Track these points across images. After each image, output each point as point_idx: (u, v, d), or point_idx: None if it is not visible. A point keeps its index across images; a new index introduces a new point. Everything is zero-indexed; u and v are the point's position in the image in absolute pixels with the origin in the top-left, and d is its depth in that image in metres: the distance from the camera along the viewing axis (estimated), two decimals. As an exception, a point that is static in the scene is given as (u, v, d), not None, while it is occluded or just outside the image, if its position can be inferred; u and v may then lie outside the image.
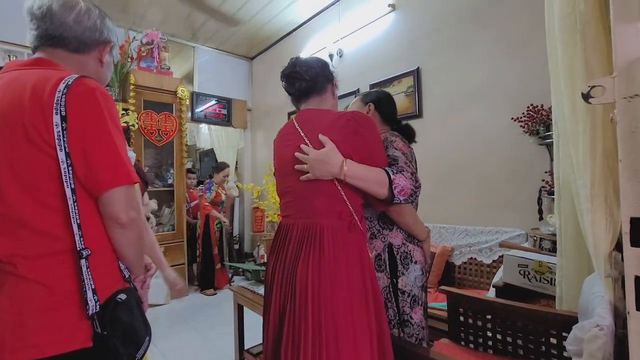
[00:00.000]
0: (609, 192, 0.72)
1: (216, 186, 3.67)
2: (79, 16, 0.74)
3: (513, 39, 2.11)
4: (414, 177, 0.94)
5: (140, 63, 3.33)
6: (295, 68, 1.03)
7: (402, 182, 0.92)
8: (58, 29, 0.72)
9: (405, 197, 0.93)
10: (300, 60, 1.05)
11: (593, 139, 0.74)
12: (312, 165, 0.91)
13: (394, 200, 0.93)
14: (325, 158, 0.90)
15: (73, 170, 0.63)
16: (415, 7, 2.69)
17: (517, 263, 1.42)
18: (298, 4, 3.43)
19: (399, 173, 0.93)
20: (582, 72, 0.77)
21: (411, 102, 2.67)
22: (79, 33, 0.74)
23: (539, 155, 1.97)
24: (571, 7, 0.80)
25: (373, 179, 0.91)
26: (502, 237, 2.07)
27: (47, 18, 0.71)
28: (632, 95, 0.38)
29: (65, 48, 0.74)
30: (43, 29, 0.72)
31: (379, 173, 0.92)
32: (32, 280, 0.61)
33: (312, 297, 0.87)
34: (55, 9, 0.72)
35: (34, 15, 0.72)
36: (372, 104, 1.26)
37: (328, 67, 1.09)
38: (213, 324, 2.73)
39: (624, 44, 0.40)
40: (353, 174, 0.90)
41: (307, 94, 1.05)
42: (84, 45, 0.76)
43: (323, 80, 1.05)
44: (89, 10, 0.76)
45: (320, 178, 0.92)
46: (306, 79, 1.02)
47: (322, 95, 1.05)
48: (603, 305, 0.70)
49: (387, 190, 0.91)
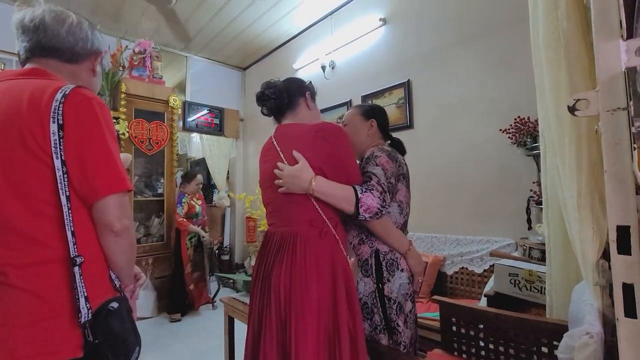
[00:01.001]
0: (595, 202, 0.74)
1: (188, 197, 3.37)
2: (71, 28, 0.76)
3: (499, 53, 2.19)
4: (382, 196, 1.00)
5: (132, 72, 3.32)
6: (263, 90, 1.12)
7: (369, 201, 0.98)
8: (51, 40, 0.74)
9: (371, 214, 0.99)
10: (269, 82, 1.15)
11: (579, 150, 0.77)
12: (286, 181, 0.99)
13: (359, 217, 0.99)
14: (297, 174, 0.98)
15: (68, 178, 0.64)
16: (406, 22, 2.77)
17: (508, 272, 1.43)
18: (291, 16, 3.49)
19: (368, 191, 0.99)
20: (567, 86, 0.80)
21: (402, 114, 2.72)
22: (72, 44, 0.76)
23: (527, 166, 2.02)
24: (554, 25, 0.84)
25: (341, 196, 0.98)
26: (493, 247, 2.10)
27: (40, 30, 0.73)
28: (614, 108, 0.40)
29: (58, 59, 0.76)
30: (36, 40, 0.73)
31: (347, 191, 0.99)
32: (22, 289, 0.60)
33: (285, 300, 0.93)
34: (48, 21, 0.73)
35: (26, 27, 0.73)
36: (375, 120, 1.28)
37: (296, 83, 1.16)
38: (203, 337, 2.67)
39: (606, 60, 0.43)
40: (321, 191, 0.97)
41: (279, 111, 1.14)
42: (77, 56, 0.78)
43: (291, 96, 1.12)
44: (80, 23, 0.78)
45: (294, 192, 0.99)
46: (272, 98, 1.11)
47: (295, 109, 1.13)
48: (592, 313, 0.71)
49: (353, 207, 0.98)
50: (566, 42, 0.80)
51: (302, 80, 1.18)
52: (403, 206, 1.18)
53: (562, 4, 0.80)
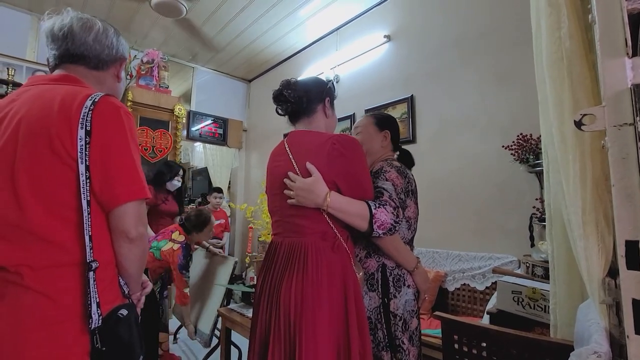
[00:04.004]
0: (599, 218, 0.74)
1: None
2: (97, 36, 0.78)
3: (502, 70, 2.22)
4: (395, 211, 0.96)
5: (139, 81, 3.38)
6: (281, 91, 1.06)
7: (383, 216, 0.94)
8: (79, 48, 0.76)
9: (384, 231, 0.95)
10: (289, 82, 1.08)
11: (583, 167, 0.77)
12: (297, 194, 0.94)
13: (373, 234, 0.95)
14: (310, 188, 0.93)
15: (90, 183, 0.65)
16: (410, 39, 2.83)
17: (511, 289, 1.41)
18: (297, 32, 3.57)
19: (381, 207, 0.95)
20: (570, 104, 0.81)
21: (405, 128, 2.74)
22: (98, 52, 0.79)
23: (529, 183, 2.02)
24: (557, 44, 0.86)
25: (355, 213, 0.94)
26: (495, 263, 2.08)
27: (69, 38, 0.76)
28: (621, 123, 0.41)
29: (86, 65, 0.78)
30: (65, 48, 0.76)
31: (361, 207, 0.94)
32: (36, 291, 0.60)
33: (294, 318, 0.88)
34: (76, 29, 0.76)
35: (55, 36, 0.76)
36: (389, 131, 1.26)
37: (317, 87, 1.09)
38: (199, 349, 2.61)
39: (612, 76, 0.44)
40: (335, 207, 0.93)
41: (295, 115, 1.09)
42: (103, 63, 0.80)
43: (309, 102, 1.06)
44: (107, 30, 0.81)
45: (305, 205, 0.94)
46: (290, 101, 1.05)
47: (311, 116, 1.08)
48: (599, 332, 0.70)
49: (367, 224, 0.93)
50: (569, 62, 0.82)
51: (324, 83, 1.12)
52: (411, 222, 1.16)
53: (564, 24, 0.82)
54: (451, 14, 2.54)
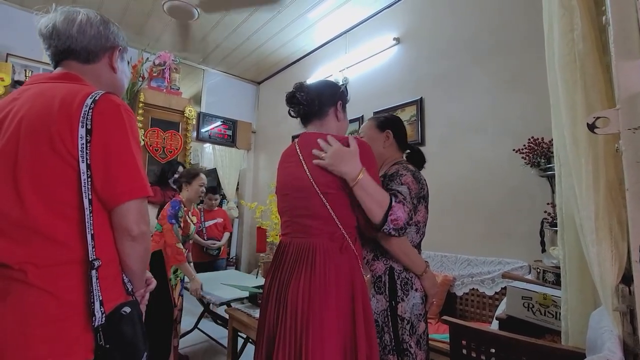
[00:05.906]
0: (613, 223, 0.72)
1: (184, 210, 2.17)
2: (80, 26, 0.76)
3: (512, 73, 2.19)
4: (410, 213, 0.96)
5: (151, 82, 3.43)
6: (294, 93, 1.08)
7: (399, 212, 0.93)
8: (65, 42, 0.75)
9: (396, 227, 0.94)
10: (302, 85, 1.09)
11: (596, 171, 0.76)
12: (331, 156, 0.95)
13: (383, 228, 0.94)
14: (347, 157, 0.94)
15: (92, 181, 0.65)
16: (419, 41, 2.82)
17: (521, 295, 1.39)
18: (306, 34, 3.59)
19: (401, 203, 0.95)
20: (583, 107, 0.79)
21: (414, 131, 2.73)
22: (85, 43, 0.76)
23: (541, 187, 1.98)
24: (570, 47, 0.84)
25: (377, 198, 0.94)
26: (505, 268, 2.04)
27: (54, 35, 0.74)
28: (636, 126, 0.40)
29: (77, 60, 0.77)
30: (54, 46, 0.75)
31: (384, 195, 0.95)
32: (40, 288, 0.61)
33: (302, 318, 0.87)
34: (59, 24, 0.75)
35: (44, 35, 0.75)
36: (391, 131, 1.25)
37: (330, 90, 1.10)
38: (204, 350, 2.63)
39: (626, 79, 0.43)
40: (364, 185, 0.93)
41: (307, 118, 1.10)
42: (92, 54, 0.78)
43: (322, 104, 1.07)
44: (90, 19, 0.77)
45: (330, 170, 0.95)
46: (303, 103, 1.06)
47: (323, 119, 1.09)
48: (612, 339, 0.68)
49: (383, 214, 0.93)
50: (582, 64, 0.81)
51: (336, 87, 1.13)
52: (420, 226, 1.16)
53: (578, 26, 0.80)
54: (461, 16, 2.52)
